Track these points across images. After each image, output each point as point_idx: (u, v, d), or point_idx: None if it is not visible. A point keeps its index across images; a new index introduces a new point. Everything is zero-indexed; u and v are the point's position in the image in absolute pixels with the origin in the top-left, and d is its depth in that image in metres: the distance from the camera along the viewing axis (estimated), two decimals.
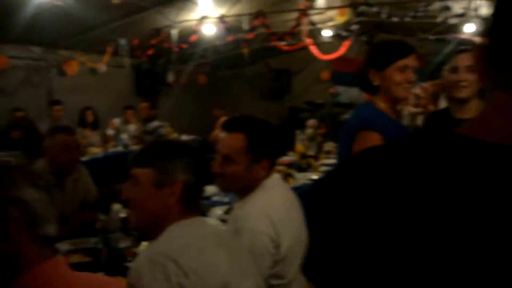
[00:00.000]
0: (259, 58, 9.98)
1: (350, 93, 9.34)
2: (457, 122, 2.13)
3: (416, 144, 0.61)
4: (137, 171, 1.41)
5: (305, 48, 8.17)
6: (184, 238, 1.33)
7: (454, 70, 2.24)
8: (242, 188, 1.73)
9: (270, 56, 10.27)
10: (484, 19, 4.97)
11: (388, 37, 9.45)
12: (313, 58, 8.86)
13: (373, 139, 1.81)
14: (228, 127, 1.72)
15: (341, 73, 9.57)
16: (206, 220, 1.55)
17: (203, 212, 2.46)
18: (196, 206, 1.46)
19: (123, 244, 2.36)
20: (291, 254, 1.65)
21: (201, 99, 10.40)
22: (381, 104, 1.99)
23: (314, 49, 7.58)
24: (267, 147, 1.71)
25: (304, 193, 3.65)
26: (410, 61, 1.93)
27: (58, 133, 2.75)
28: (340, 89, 9.61)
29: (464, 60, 2.20)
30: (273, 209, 1.64)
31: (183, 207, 1.39)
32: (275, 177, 1.81)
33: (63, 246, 2.31)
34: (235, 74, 10.63)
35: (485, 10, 5.05)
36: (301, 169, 4.42)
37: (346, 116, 7.16)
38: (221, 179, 1.72)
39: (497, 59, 0.57)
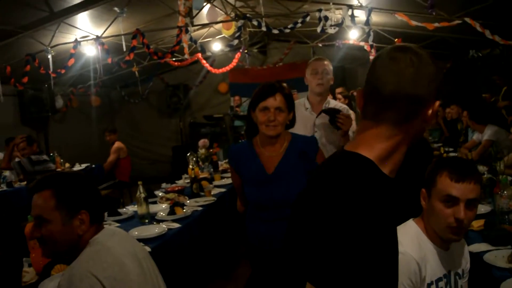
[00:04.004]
0: (153, 74, 9.68)
1: None
2: None
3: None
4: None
5: (199, 62, 8.02)
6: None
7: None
8: (67, 249, 1.59)
9: (164, 71, 10.01)
10: (362, 27, 5.12)
11: (281, 45, 9.65)
12: (209, 71, 8.74)
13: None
14: (35, 187, 1.60)
15: (239, 84, 9.62)
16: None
17: None
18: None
19: None
20: None
21: (97, 122, 9.84)
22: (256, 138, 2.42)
23: (205, 64, 7.45)
24: (78, 198, 1.60)
25: (193, 222, 3.46)
26: (269, 102, 2.27)
27: None
28: (243, 99, 9.61)
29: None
30: (100, 266, 1.49)
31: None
32: (107, 230, 1.69)
33: None
34: (130, 92, 10.19)
35: (362, 17, 5.21)
36: (194, 195, 4.18)
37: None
38: (42, 245, 1.59)
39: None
